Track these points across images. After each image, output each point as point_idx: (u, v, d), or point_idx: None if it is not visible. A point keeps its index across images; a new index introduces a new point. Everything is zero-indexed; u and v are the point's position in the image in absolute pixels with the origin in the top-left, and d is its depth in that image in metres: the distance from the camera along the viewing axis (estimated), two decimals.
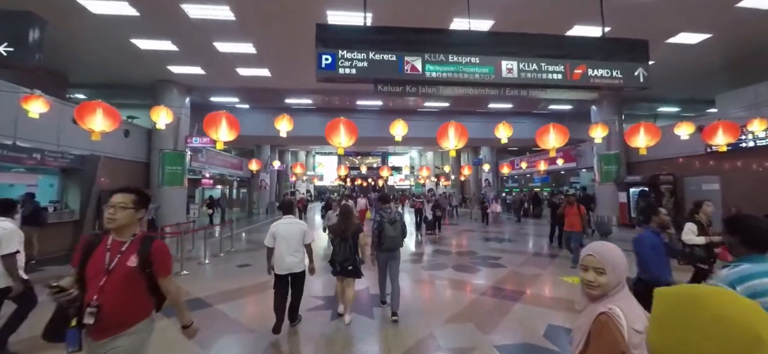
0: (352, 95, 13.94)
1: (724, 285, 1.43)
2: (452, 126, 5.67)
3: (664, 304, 0.78)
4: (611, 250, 1.31)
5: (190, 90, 12.74)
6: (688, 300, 0.75)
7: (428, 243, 10.14)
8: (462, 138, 5.70)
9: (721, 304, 0.72)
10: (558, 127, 6.30)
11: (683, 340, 0.72)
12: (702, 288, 0.80)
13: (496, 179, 26.62)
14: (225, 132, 6.03)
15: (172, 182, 12.18)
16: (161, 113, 8.72)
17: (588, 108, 15.49)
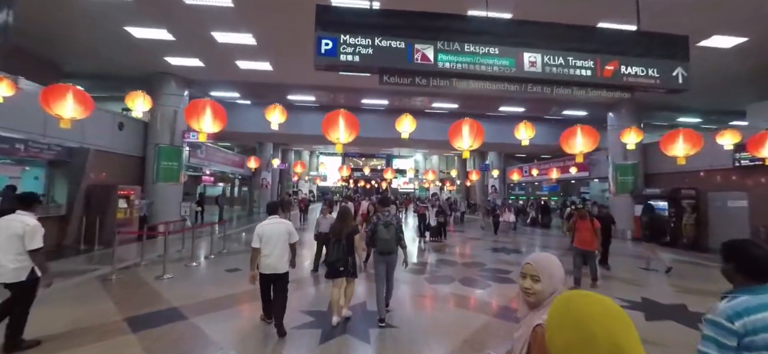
0: (357, 93, 13.39)
1: (721, 319, 1.34)
2: (467, 124, 5.05)
3: (553, 309, 0.84)
4: (548, 258, 1.37)
5: (189, 83, 12.27)
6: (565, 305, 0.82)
7: (432, 251, 9.50)
8: (477, 138, 5.07)
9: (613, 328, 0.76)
10: (587, 129, 5.64)
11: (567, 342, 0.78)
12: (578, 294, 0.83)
13: (504, 186, 25.90)
14: (209, 122, 5.49)
15: (168, 178, 11.69)
16: (137, 100, 8.09)
17: (604, 114, 14.77)
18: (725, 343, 1.32)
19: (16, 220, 3.23)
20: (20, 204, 3.38)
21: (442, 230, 11.71)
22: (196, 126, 5.50)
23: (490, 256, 9.10)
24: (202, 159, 16.11)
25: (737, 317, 1.33)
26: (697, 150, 6.12)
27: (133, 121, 11.49)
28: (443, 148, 23.65)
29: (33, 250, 3.18)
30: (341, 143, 5.06)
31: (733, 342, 1.31)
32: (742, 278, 1.46)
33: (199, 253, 8.40)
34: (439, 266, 7.67)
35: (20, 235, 3.17)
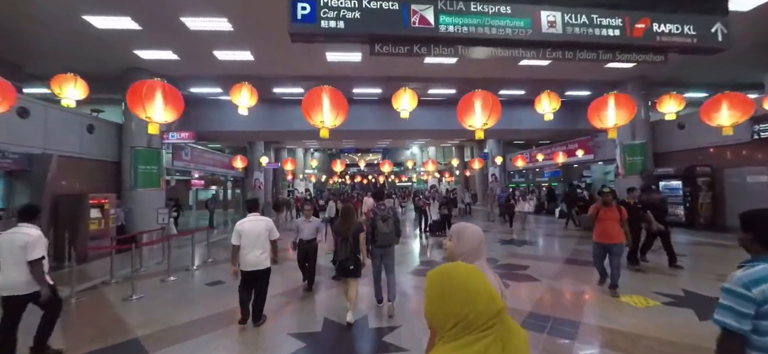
0: (347, 82, 12.51)
1: (738, 287, 1.32)
2: (479, 98, 4.22)
3: (430, 281, 0.94)
4: (464, 225, 1.62)
5: (167, 79, 11.31)
6: (445, 275, 0.91)
7: (435, 248, 8.75)
8: (493, 113, 4.25)
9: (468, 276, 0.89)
10: (622, 99, 4.77)
11: (442, 306, 0.87)
12: (455, 265, 0.96)
13: (504, 174, 25.22)
14: (160, 110, 4.63)
15: (147, 183, 10.81)
16: (67, 86, 6.93)
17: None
18: (743, 310, 1.30)
19: (20, 233, 3.24)
20: (21, 216, 3.40)
21: (447, 223, 10.97)
22: (142, 114, 4.64)
23: (499, 249, 8.37)
24: (187, 161, 15.22)
25: (755, 285, 1.31)
26: (748, 115, 5.34)
27: (104, 123, 10.58)
28: (441, 137, 22.84)
29: (31, 261, 3.17)
30: (327, 127, 4.24)
31: (750, 310, 1.30)
32: (760, 247, 1.44)
33: (180, 264, 7.59)
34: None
35: (22, 246, 3.17)
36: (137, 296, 5.31)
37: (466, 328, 0.84)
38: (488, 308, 0.85)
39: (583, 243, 8.92)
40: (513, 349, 0.87)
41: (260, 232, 3.94)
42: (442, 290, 0.89)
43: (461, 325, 0.85)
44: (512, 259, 7.18)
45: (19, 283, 3.17)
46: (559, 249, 8.24)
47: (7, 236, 3.28)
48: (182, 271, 7.08)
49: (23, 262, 3.15)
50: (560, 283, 5.52)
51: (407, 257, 7.76)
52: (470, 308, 0.84)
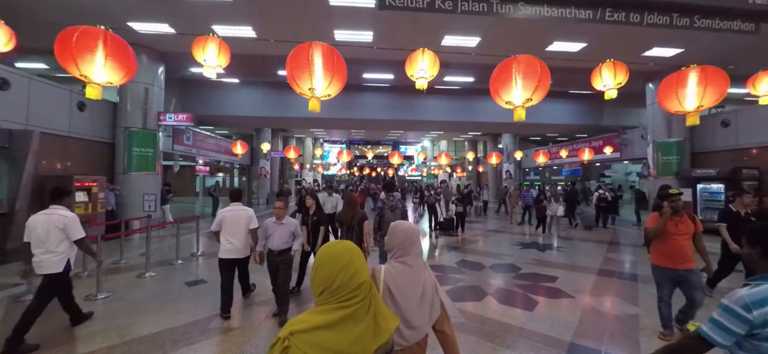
0: (357, 66, 11.60)
1: (737, 307, 1.26)
2: (520, 65, 3.19)
3: (318, 253, 1.05)
4: (398, 223, 1.73)
5: (164, 57, 10.64)
6: (327, 248, 1.06)
7: (447, 249, 7.88)
8: (541, 85, 3.23)
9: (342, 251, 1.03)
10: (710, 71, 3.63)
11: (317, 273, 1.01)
12: (339, 241, 1.10)
13: (518, 170, 24.07)
14: (99, 67, 3.84)
15: (142, 167, 10.19)
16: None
17: (640, 87, 12.80)
18: (732, 329, 1.26)
19: (55, 214, 3.38)
20: (52, 198, 3.51)
21: (461, 222, 10.08)
22: (76, 72, 3.83)
23: (519, 254, 7.45)
24: (189, 146, 14.60)
25: (757, 306, 1.24)
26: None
27: (97, 101, 9.93)
28: (455, 130, 21.71)
29: (78, 240, 3.42)
30: (317, 97, 3.38)
31: (741, 330, 1.25)
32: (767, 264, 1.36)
33: (166, 257, 6.92)
34: (462, 271, 6.05)
35: (61, 227, 3.34)
36: (103, 295, 4.61)
37: (331, 296, 0.99)
38: (350, 282, 1.00)
39: (614, 250, 7.93)
40: (369, 330, 1.01)
41: (241, 221, 3.97)
42: (320, 260, 1.04)
43: (327, 292, 1.00)
44: (537, 268, 6.26)
45: (50, 263, 3.32)
46: (587, 256, 7.27)
47: (43, 217, 3.38)
48: (165, 265, 6.39)
49: (54, 243, 3.32)
50: (601, 301, 4.60)
51: None
52: (334, 278, 0.99)
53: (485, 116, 16.10)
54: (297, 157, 15.36)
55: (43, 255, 3.31)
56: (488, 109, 16.02)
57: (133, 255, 7.26)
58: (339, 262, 1.00)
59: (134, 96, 10.08)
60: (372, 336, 1.00)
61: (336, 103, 15.42)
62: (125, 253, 6.92)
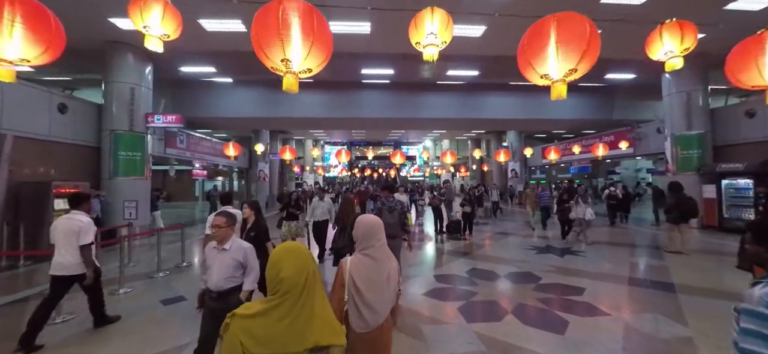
0: (355, 62, 10.99)
1: (763, 308, 1.15)
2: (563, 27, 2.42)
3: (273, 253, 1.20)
4: (362, 216, 1.86)
5: (151, 56, 10.06)
6: (278, 248, 1.22)
7: (455, 255, 7.21)
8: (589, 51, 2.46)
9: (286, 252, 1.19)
10: None
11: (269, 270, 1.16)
12: (288, 243, 1.26)
13: (524, 169, 23.37)
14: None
15: (130, 172, 9.61)
16: None
17: (654, 78, 12.08)
18: (765, 332, 1.13)
19: (74, 219, 3.55)
20: (72, 204, 3.71)
21: (469, 224, 9.42)
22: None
23: (535, 260, 6.77)
24: (183, 149, 14.05)
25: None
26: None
27: (81, 103, 9.38)
28: (459, 127, 21.03)
29: (83, 246, 3.49)
30: (294, 72, 2.75)
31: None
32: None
33: (147, 269, 6.31)
34: (474, 281, 5.40)
35: (76, 231, 3.48)
36: (62, 318, 4.00)
37: (273, 290, 1.14)
38: (275, 277, 1.14)
39: (638, 254, 7.24)
40: (297, 328, 1.11)
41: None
42: (272, 259, 1.18)
43: (271, 286, 1.14)
44: (558, 277, 5.59)
45: (71, 265, 3.48)
46: (611, 262, 6.59)
47: (64, 221, 3.55)
48: (144, 279, 5.79)
49: (76, 246, 3.46)
50: (643, 320, 3.91)
51: (420, 269, 6.25)
52: (274, 274, 1.14)
53: (490, 112, 15.45)
54: (294, 158, 14.74)
55: (64, 257, 3.47)
56: (493, 104, 15.37)
57: (115, 267, 6.65)
58: (272, 260, 1.18)
59: (120, 97, 9.51)
60: (299, 334, 1.11)
61: (333, 101, 14.90)
62: (107, 264, 6.32)
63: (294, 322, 1.10)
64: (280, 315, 1.10)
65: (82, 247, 3.47)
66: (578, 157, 16.63)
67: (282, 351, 1.07)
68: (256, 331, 1.08)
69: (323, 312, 1.18)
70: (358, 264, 1.70)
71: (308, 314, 1.13)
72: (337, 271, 1.72)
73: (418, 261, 6.78)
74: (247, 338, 1.07)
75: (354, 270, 1.68)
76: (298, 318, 1.11)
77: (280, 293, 1.12)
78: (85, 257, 3.50)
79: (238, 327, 1.09)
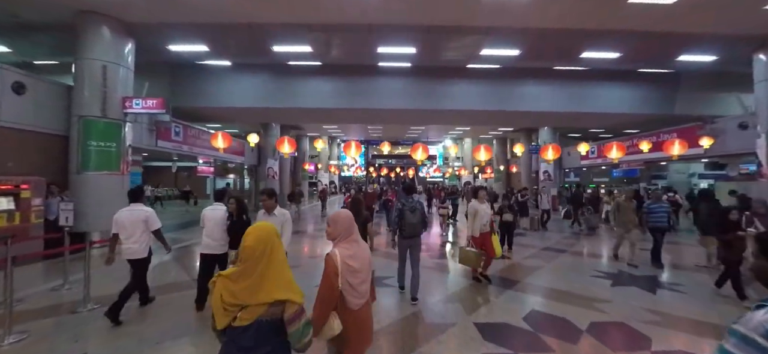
0: (369, 36, 9.14)
1: (757, 335, 0.95)
2: None
3: None
4: (337, 212, 2.05)
5: (132, 29, 8.59)
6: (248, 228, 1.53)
7: (498, 286, 5.24)
8: None
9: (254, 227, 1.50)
10: None
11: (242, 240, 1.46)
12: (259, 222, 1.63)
13: (559, 171, 20.95)
14: None
15: (102, 165, 8.15)
16: None
17: (743, 59, 9.65)
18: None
19: (137, 210, 4.02)
20: (132, 198, 4.14)
21: (509, 236, 7.44)
22: None
23: (618, 297, 4.74)
24: (178, 142, 12.62)
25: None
26: None
27: (44, 83, 7.99)
28: (487, 122, 18.71)
29: (156, 230, 4.07)
30: None
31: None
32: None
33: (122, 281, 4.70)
34: (539, 336, 3.47)
35: (143, 220, 3.98)
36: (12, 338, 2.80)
37: (240, 257, 1.43)
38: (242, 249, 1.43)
39: None
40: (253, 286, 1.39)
41: (219, 220, 4.18)
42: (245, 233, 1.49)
43: (240, 253, 1.44)
44: (668, 331, 3.58)
45: (136, 250, 3.94)
46: (714, 298, 4.48)
47: (127, 213, 3.98)
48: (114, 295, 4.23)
49: (137, 234, 3.92)
50: None
51: (450, 309, 4.36)
52: (241, 244, 1.44)
53: (526, 104, 13.28)
54: (293, 151, 13.13)
55: (131, 244, 3.93)
56: (530, 95, 13.20)
57: (42, 289, 5.09)
58: (244, 237, 1.46)
59: (91, 77, 8.04)
60: (258, 291, 1.39)
61: (346, 90, 13.13)
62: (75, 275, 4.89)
63: (253, 282, 1.39)
64: (245, 276, 1.39)
65: (155, 231, 4.05)
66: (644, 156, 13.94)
67: (248, 303, 1.37)
68: (231, 288, 1.38)
69: (279, 275, 1.44)
70: (349, 251, 1.91)
71: (266, 277, 1.40)
72: (327, 265, 1.85)
73: (444, 294, 4.88)
74: (225, 293, 1.38)
75: (346, 257, 1.88)
76: (257, 279, 1.39)
77: (245, 258, 1.41)
78: (161, 238, 4.11)
79: (220, 284, 1.40)
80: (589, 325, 3.78)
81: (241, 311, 1.36)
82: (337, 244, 1.93)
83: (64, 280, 5.04)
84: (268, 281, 1.39)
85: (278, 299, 1.39)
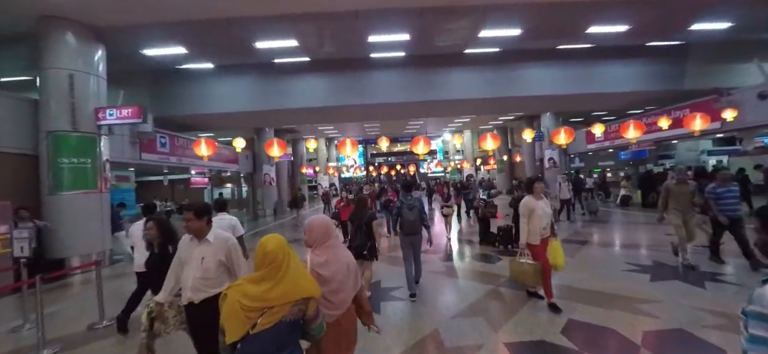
0: (361, 24, 8.45)
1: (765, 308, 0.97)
2: None
3: None
4: (311, 220, 2.01)
5: (100, 35, 7.90)
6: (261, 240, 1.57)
7: (523, 289, 4.56)
8: None
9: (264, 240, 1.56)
10: None
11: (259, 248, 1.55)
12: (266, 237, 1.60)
13: (564, 157, 20.28)
14: None
15: (77, 184, 7.47)
16: None
17: (751, 31, 8.98)
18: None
19: None
20: (144, 212, 4.34)
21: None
22: None
23: (664, 295, 4.07)
24: (165, 154, 11.97)
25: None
26: None
27: (6, 98, 7.31)
28: (487, 111, 17.96)
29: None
30: None
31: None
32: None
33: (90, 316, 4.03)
34: (575, 341, 2.82)
35: None
36: None
37: (261, 263, 1.50)
38: (264, 256, 1.50)
39: None
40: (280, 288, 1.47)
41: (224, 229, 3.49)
42: (260, 243, 1.54)
43: (260, 260, 1.51)
44: (722, 336, 2.90)
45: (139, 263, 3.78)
46: None
47: (139, 226, 3.93)
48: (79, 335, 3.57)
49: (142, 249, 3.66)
50: None
51: (472, 325, 3.69)
52: (262, 250, 1.51)
53: (528, 89, 12.61)
54: (283, 153, 12.46)
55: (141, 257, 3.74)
56: (533, 78, 12.52)
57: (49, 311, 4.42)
58: (259, 244, 1.54)
59: (56, 87, 7.36)
60: (285, 292, 1.47)
61: (339, 87, 12.37)
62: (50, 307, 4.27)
63: (280, 283, 1.47)
64: (269, 279, 1.47)
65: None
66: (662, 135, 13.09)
67: (276, 303, 1.44)
68: (251, 293, 1.44)
69: (300, 275, 1.56)
70: (320, 258, 1.87)
71: (290, 277, 1.51)
72: None
73: (460, 306, 4.20)
74: (243, 298, 1.42)
75: (317, 265, 1.84)
76: (282, 280, 1.48)
77: (267, 263, 1.49)
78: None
79: (235, 292, 1.44)
80: (643, 337, 3.11)
81: (262, 316, 1.41)
82: (312, 251, 1.92)
83: (23, 320, 4.36)
84: (295, 281, 1.51)
85: (305, 296, 1.51)
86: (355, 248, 4.30)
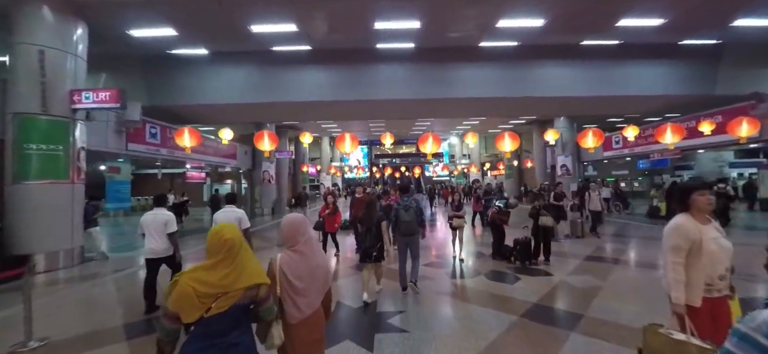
0: (366, 12, 7.64)
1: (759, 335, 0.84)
2: None
3: None
4: (284, 219, 1.94)
5: (80, 11, 7.17)
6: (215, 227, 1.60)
7: (550, 320, 3.67)
8: None
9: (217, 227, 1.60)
10: None
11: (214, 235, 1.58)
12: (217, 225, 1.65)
13: (577, 164, 19.28)
14: None
15: (45, 173, 6.72)
16: None
17: None
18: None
19: (160, 214, 4.36)
20: (156, 203, 4.49)
21: (547, 245, 5.88)
22: None
23: None
24: (155, 145, 11.25)
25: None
26: None
27: None
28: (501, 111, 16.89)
29: (171, 234, 4.31)
30: None
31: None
32: None
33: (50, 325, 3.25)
34: None
35: (164, 223, 4.29)
36: None
37: (216, 250, 1.51)
38: (217, 243, 1.51)
39: None
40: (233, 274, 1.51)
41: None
42: (214, 230, 1.58)
43: (216, 247, 1.52)
44: None
45: (160, 249, 4.27)
46: None
47: (151, 216, 4.34)
48: None
49: (163, 234, 4.26)
50: None
51: None
52: (219, 238, 1.52)
53: (545, 89, 11.69)
54: (274, 148, 11.69)
55: (157, 243, 4.27)
56: (550, 78, 11.60)
57: None
58: (214, 231, 1.57)
59: (25, 64, 6.63)
60: (238, 278, 1.51)
61: (343, 80, 11.49)
62: None
63: (235, 270, 1.51)
64: (223, 266, 1.50)
65: (170, 234, 4.29)
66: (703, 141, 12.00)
67: (226, 290, 1.47)
68: (205, 279, 1.46)
69: (254, 263, 1.61)
70: (288, 260, 1.82)
71: (243, 264, 1.55)
72: (269, 267, 1.80)
73: (478, 340, 3.32)
74: (199, 285, 1.43)
75: (285, 265, 1.80)
76: (237, 267, 1.52)
77: (225, 251, 1.50)
78: (174, 242, 4.34)
79: (187, 278, 1.45)
80: None
81: (216, 301, 1.46)
82: (284, 250, 1.91)
83: None
84: (247, 268, 1.56)
85: (256, 283, 1.57)
86: (364, 250, 4.42)
